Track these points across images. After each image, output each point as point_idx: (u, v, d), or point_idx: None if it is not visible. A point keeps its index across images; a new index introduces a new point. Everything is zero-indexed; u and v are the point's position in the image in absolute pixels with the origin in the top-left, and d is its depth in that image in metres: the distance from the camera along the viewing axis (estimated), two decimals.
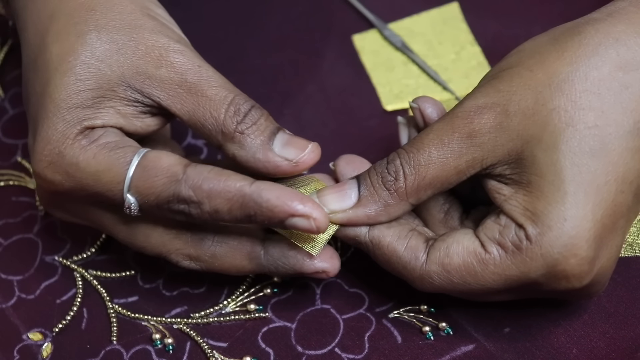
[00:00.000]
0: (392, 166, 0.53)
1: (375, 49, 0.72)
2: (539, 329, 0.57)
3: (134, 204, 0.53)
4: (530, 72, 0.52)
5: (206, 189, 0.51)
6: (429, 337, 0.58)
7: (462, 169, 0.52)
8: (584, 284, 0.51)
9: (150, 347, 0.60)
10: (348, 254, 0.62)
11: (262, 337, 0.59)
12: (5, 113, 0.72)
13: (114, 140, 0.54)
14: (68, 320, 0.61)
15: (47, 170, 0.54)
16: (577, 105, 0.50)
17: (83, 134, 0.54)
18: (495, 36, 0.71)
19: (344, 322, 0.59)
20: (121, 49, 0.54)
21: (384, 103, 0.70)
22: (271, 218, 0.51)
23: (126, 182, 0.53)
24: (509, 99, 0.51)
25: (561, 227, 0.50)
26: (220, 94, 0.54)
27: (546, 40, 0.53)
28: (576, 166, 0.50)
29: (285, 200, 0.51)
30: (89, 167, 0.53)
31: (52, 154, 0.54)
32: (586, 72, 0.51)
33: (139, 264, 0.63)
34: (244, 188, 0.51)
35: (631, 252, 0.60)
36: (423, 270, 0.53)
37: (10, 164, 0.69)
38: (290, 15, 0.75)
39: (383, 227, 0.55)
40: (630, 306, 0.58)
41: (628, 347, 0.56)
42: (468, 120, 0.52)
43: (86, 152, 0.53)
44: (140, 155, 0.53)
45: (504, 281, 0.52)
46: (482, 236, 0.52)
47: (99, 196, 0.54)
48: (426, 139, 0.53)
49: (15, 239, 0.65)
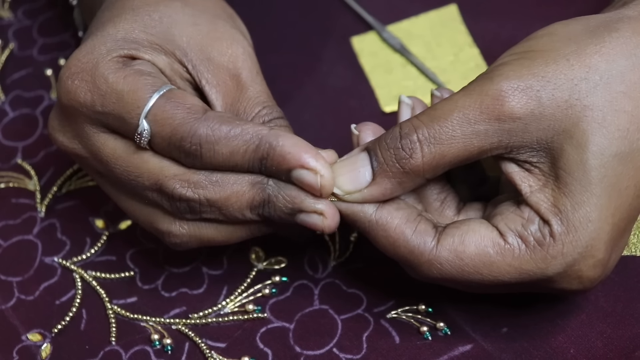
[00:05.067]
0: (407, 142, 0.51)
1: (374, 51, 0.73)
2: (537, 328, 0.57)
3: (146, 132, 0.52)
4: (566, 60, 0.50)
5: (225, 129, 0.52)
6: (426, 337, 0.58)
7: (485, 149, 0.51)
8: (593, 286, 0.52)
9: (149, 348, 0.60)
10: (347, 254, 0.62)
11: (260, 337, 0.60)
12: (5, 115, 0.73)
13: (149, 70, 0.55)
14: (67, 321, 0.61)
15: (75, 77, 0.54)
16: (612, 106, 0.50)
17: (125, 58, 0.55)
18: (494, 38, 0.72)
19: (342, 323, 0.60)
20: (197, 26, 0.57)
21: (382, 105, 0.70)
22: (281, 164, 0.51)
23: (147, 107, 0.52)
24: (543, 85, 0.50)
25: (585, 229, 0.49)
26: (261, 97, 0.57)
27: (581, 30, 0.52)
28: (604, 168, 0.49)
29: (299, 149, 0.51)
30: (116, 85, 0.53)
31: (88, 62, 0.54)
32: (623, 73, 0.50)
33: (138, 265, 0.63)
34: (261, 131, 0.52)
35: (628, 252, 0.60)
36: (432, 255, 0.52)
37: (10, 166, 0.70)
38: (288, 17, 0.75)
39: (392, 208, 0.53)
40: (627, 306, 0.58)
41: (625, 346, 0.56)
42: (499, 102, 0.49)
43: (119, 71, 0.54)
44: (167, 88, 0.53)
45: (518, 274, 0.51)
46: (502, 226, 0.51)
47: (115, 117, 0.53)
48: (450, 114, 0.50)
49: (14, 241, 0.66)
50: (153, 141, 0.53)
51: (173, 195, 0.53)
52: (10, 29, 0.78)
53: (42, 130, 0.71)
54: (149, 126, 0.52)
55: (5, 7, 0.79)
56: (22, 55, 0.76)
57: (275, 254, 0.63)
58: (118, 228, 0.65)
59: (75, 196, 0.67)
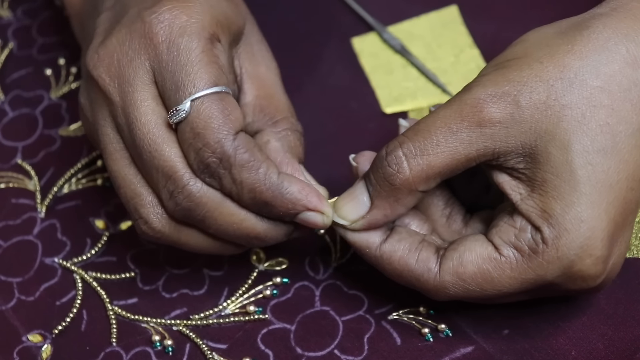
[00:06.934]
0: (393, 158, 0.52)
1: (375, 52, 0.72)
2: (538, 330, 0.57)
3: (183, 113, 0.52)
4: (540, 63, 0.51)
5: (246, 157, 0.52)
6: (428, 338, 0.58)
7: (472, 157, 0.51)
8: (598, 283, 0.52)
9: (149, 349, 0.60)
10: (348, 255, 0.62)
11: (261, 338, 0.59)
12: (5, 115, 0.72)
13: (222, 63, 0.54)
14: (68, 322, 0.61)
15: (175, 16, 0.53)
16: (589, 102, 0.50)
17: (212, 37, 0.54)
18: (494, 39, 0.72)
19: (343, 324, 0.60)
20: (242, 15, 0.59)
21: (383, 106, 0.70)
22: (290, 210, 0.53)
23: (199, 93, 0.52)
24: (520, 90, 0.50)
25: (578, 229, 0.50)
26: (287, 108, 0.60)
27: (553, 33, 0.53)
28: (590, 165, 0.50)
29: (306, 195, 0.54)
30: (193, 54, 0.53)
31: (191, 19, 0.54)
32: (597, 67, 0.50)
33: (139, 266, 0.63)
34: (272, 177, 0.53)
35: (630, 254, 0.60)
36: (437, 281, 0.53)
37: (10, 166, 0.69)
38: (289, 18, 0.75)
39: (394, 240, 0.54)
40: (629, 308, 0.58)
41: (627, 348, 0.56)
42: (477, 109, 0.50)
43: (204, 47, 0.53)
44: (226, 89, 0.53)
45: (520, 284, 0.51)
46: (496, 239, 0.52)
47: (172, 78, 0.53)
48: (433, 126, 0.51)
49: (15, 241, 0.65)
50: (181, 128, 0.52)
51: (179, 193, 0.53)
52: (10, 28, 0.78)
53: (42, 130, 0.71)
54: (189, 111, 0.52)
55: (4, 6, 0.79)
56: (21, 54, 0.76)
57: (276, 255, 0.63)
58: (118, 229, 0.65)
59: (76, 197, 0.67)
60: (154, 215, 0.54)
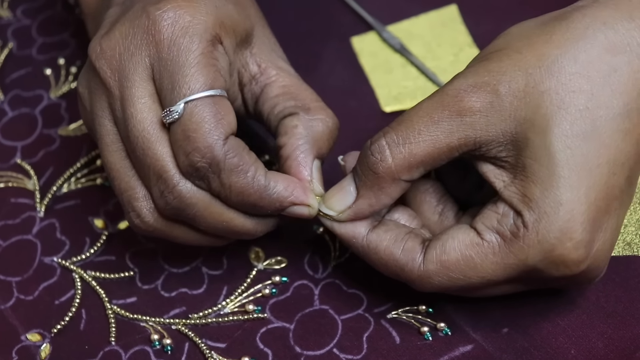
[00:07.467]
0: (376, 146, 0.53)
1: (374, 51, 0.72)
2: (538, 329, 0.57)
3: (176, 114, 0.52)
4: (519, 54, 0.52)
5: (235, 161, 0.53)
6: (427, 337, 0.58)
7: (454, 146, 0.52)
8: (582, 269, 0.51)
9: (148, 348, 0.60)
10: (347, 254, 0.62)
11: (260, 337, 0.59)
12: (4, 115, 0.73)
13: (221, 66, 0.55)
14: (67, 321, 0.61)
15: (179, 16, 0.53)
16: (567, 88, 0.50)
17: (214, 39, 0.54)
18: (494, 38, 0.71)
19: (342, 323, 0.59)
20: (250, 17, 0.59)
21: (382, 105, 0.70)
22: (278, 209, 0.55)
23: (193, 95, 0.52)
24: (499, 79, 0.51)
25: (557, 212, 0.50)
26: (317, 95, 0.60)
27: (533, 25, 0.53)
28: (569, 149, 0.50)
29: (292, 189, 0.55)
30: (192, 56, 0.53)
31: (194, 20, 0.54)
32: (575, 55, 0.51)
33: (138, 265, 0.63)
34: (260, 179, 0.54)
35: (630, 252, 0.60)
36: (421, 271, 0.53)
37: (9, 165, 0.69)
38: (288, 17, 0.75)
39: (380, 231, 0.55)
40: (628, 306, 0.58)
41: (626, 347, 0.56)
42: (458, 98, 0.51)
43: (203, 49, 0.53)
44: (220, 92, 0.53)
45: (503, 270, 0.52)
46: (479, 225, 0.52)
47: (169, 77, 0.53)
48: (415, 116, 0.52)
49: (14, 240, 0.65)
50: (173, 129, 0.53)
51: (169, 193, 0.54)
52: (9, 28, 0.78)
53: (42, 129, 0.71)
54: (182, 113, 0.52)
55: (4, 6, 0.79)
56: (21, 54, 0.76)
57: (275, 254, 0.63)
58: (117, 228, 0.65)
59: (75, 196, 0.67)
60: (146, 210, 0.55)
